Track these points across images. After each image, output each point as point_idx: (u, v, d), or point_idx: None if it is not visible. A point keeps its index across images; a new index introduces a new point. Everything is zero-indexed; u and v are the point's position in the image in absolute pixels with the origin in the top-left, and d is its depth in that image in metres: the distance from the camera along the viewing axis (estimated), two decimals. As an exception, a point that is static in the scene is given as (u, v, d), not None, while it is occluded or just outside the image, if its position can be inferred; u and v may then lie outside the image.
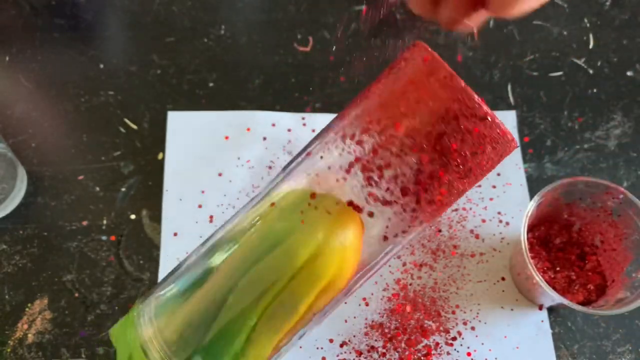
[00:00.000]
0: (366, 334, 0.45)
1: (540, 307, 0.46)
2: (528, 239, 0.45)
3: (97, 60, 0.55)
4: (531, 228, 0.47)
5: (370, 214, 0.27)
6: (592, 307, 0.42)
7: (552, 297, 0.40)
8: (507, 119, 0.53)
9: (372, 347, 0.44)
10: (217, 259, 0.30)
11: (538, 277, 0.40)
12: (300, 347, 0.44)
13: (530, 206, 0.42)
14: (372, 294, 0.46)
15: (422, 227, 0.28)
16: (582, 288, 0.44)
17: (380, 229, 0.28)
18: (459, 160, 0.26)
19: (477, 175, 0.27)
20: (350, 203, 0.27)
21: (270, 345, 0.28)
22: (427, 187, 0.26)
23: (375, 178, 0.26)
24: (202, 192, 0.49)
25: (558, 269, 0.45)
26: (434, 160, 0.25)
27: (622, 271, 0.43)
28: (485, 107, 0.25)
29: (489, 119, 0.25)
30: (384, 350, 0.44)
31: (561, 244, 0.46)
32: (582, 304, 0.43)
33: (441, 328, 0.45)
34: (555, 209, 0.46)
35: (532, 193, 0.50)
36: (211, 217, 0.48)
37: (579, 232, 0.46)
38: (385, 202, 0.26)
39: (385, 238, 0.28)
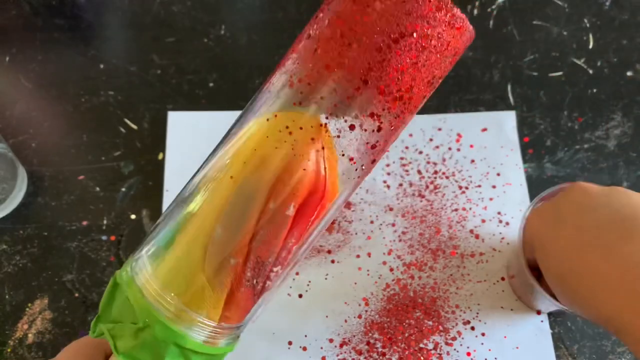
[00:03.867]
0: (366, 333, 0.45)
1: (539, 313, 0.46)
2: None
3: (97, 60, 0.55)
4: None
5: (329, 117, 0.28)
6: None
7: (551, 303, 0.40)
8: (507, 119, 0.53)
9: (372, 347, 0.44)
10: (195, 202, 0.30)
11: (534, 282, 0.40)
12: (305, 348, 0.44)
13: (527, 211, 0.42)
14: (372, 294, 0.46)
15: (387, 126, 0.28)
16: None
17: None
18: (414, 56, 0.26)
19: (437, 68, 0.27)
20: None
21: (234, 241, 0.28)
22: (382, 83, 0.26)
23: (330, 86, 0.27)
24: (202, 192, 0.49)
25: None
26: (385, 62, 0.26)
27: None
28: None
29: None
30: (384, 350, 0.44)
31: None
32: None
33: (441, 328, 0.45)
34: None
35: (531, 193, 0.50)
36: (211, 217, 0.48)
37: None
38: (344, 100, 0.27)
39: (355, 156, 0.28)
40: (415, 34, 0.26)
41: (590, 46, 0.57)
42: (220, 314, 0.29)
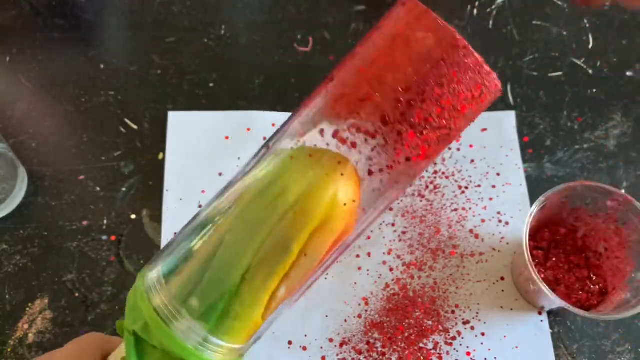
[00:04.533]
0: (366, 333, 0.45)
1: (540, 312, 0.46)
2: (531, 242, 0.45)
3: (97, 60, 0.55)
4: (535, 231, 0.47)
5: (353, 145, 0.28)
6: (593, 311, 0.43)
7: (553, 301, 0.40)
8: (507, 119, 0.53)
9: (372, 347, 0.45)
10: (214, 222, 0.30)
11: (538, 279, 0.40)
12: (305, 348, 0.44)
13: (533, 210, 0.42)
14: (372, 294, 0.46)
15: (407, 169, 0.28)
16: (584, 292, 0.44)
17: (364, 165, 0.28)
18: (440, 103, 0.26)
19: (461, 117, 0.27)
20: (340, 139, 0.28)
21: (265, 289, 0.28)
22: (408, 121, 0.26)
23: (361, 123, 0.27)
24: (203, 192, 0.49)
25: (559, 273, 0.45)
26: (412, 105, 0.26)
27: (625, 279, 0.43)
28: (464, 43, 0.25)
29: (471, 58, 0.25)
30: (384, 350, 0.44)
31: (564, 249, 0.46)
32: (583, 308, 0.43)
33: (441, 328, 0.45)
34: (560, 213, 0.46)
35: (531, 193, 0.50)
36: (211, 217, 0.48)
37: (584, 238, 0.46)
38: (367, 133, 0.27)
39: (370, 172, 0.28)
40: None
41: (590, 46, 0.57)
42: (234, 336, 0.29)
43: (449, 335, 0.45)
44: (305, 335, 0.45)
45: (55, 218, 0.49)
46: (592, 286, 0.45)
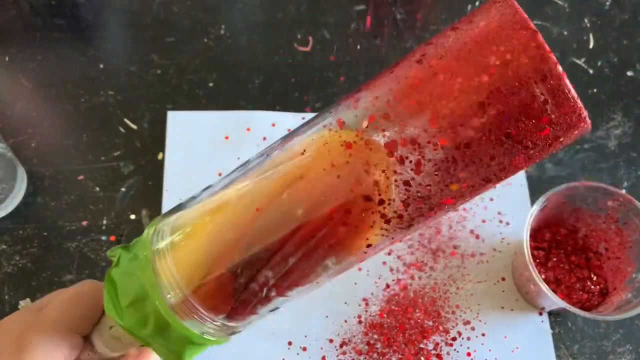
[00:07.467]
0: (366, 333, 0.45)
1: (541, 313, 0.46)
2: (531, 242, 0.45)
3: (97, 60, 0.55)
4: (536, 231, 0.46)
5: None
6: (594, 312, 0.42)
7: (554, 301, 0.40)
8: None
9: (372, 347, 0.44)
10: (245, 187, 0.28)
11: (539, 279, 0.40)
12: (305, 348, 0.44)
13: (534, 209, 0.42)
14: (372, 294, 0.46)
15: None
16: (584, 293, 0.44)
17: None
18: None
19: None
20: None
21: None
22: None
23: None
24: (202, 192, 0.49)
25: (560, 273, 0.45)
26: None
27: (625, 279, 0.43)
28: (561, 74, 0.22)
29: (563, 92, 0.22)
30: (384, 350, 0.44)
31: (565, 249, 0.46)
32: (584, 308, 0.43)
33: (441, 328, 0.45)
34: (561, 213, 0.46)
35: (532, 193, 0.50)
36: (211, 217, 0.48)
37: (584, 238, 0.46)
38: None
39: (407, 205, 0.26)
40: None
41: (591, 46, 0.57)
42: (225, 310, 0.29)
43: (449, 335, 0.45)
44: (305, 336, 0.45)
45: (54, 218, 0.49)
46: (592, 286, 0.44)
